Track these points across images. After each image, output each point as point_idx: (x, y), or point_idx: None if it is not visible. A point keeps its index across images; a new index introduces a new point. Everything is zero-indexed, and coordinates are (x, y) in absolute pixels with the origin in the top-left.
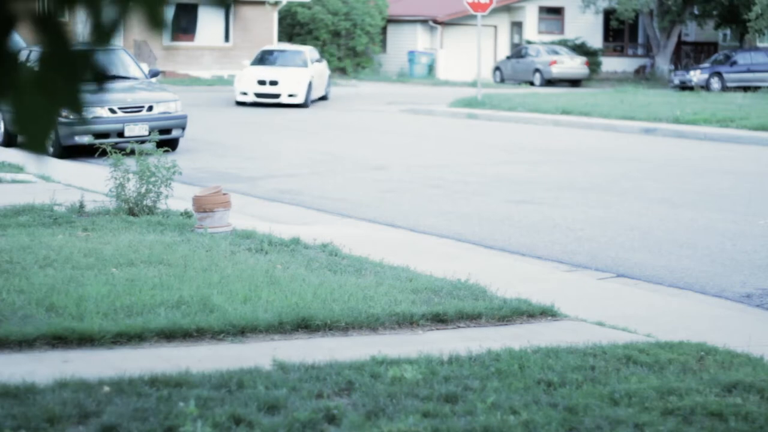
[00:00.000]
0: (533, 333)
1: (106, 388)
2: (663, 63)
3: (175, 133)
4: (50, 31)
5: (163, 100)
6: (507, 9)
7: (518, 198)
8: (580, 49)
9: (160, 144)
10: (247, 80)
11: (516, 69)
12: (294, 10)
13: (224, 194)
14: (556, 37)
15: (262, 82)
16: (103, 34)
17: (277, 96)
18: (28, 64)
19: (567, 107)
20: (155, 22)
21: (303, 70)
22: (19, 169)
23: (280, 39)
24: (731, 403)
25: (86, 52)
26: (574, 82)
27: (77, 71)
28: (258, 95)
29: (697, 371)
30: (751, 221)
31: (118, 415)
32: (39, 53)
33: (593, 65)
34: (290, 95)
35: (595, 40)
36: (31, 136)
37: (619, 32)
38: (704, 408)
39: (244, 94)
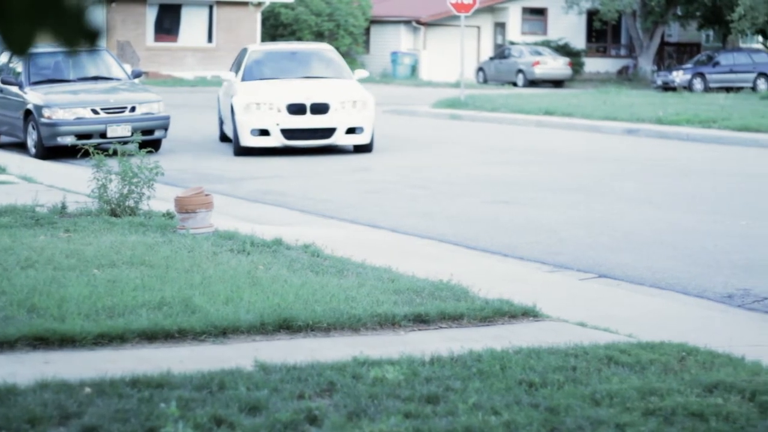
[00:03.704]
0: (515, 334)
1: (88, 389)
2: (646, 64)
3: (157, 134)
4: None
5: (146, 100)
6: (490, 10)
7: (501, 199)
8: (563, 49)
9: (142, 145)
10: (263, 107)
11: (499, 70)
12: (277, 10)
13: (206, 195)
14: (539, 38)
15: (297, 110)
16: None
17: (329, 133)
18: None
19: (550, 108)
20: None
21: (354, 85)
22: (1, 170)
23: (263, 39)
24: (712, 404)
25: None
26: (557, 83)
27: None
28: (290, 134)
29: (679, 372)
30: (732, 222)
31: (99, 416)
32: None
33: (576, 66)
34: (350, 131)
35: (578, 41)
36: (17, 46)
37: (602, 33)
38: (685, 408)
39: (263, 133)
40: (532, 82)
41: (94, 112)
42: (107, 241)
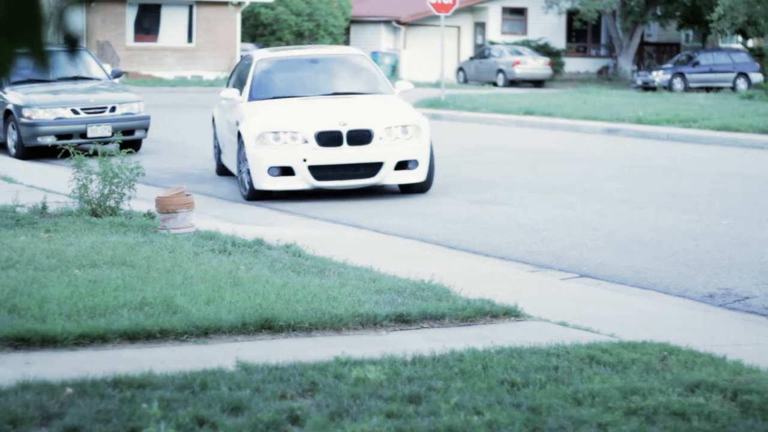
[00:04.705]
0: (497, 333)
1: (69, 390)
2: (626, 63)
3: (138, 134)
4: None
5: (126, 100)
6: (470, 10)
7: (482, 198)
8: (543, 49)
9: (123, 145)
10: (284, 137)
11: (479, 69)
12: (257, 10)
13: (187, 195)
14: (519, 38)
15: (330, 140)
16: None
17: (373, 170)
18: None
19: (530, 108)
20: None
21: (400, 103)
22: None
23: (243, 40)
24: (694, 403)
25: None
26: (537, 83)
27: (38, 20)
28: (321, 172)
29: (660, 371)
30: (713, 221)
31: (80, 416)
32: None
33: (556, 66)
34: (401, 165)
35: (558, 41)
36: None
37: (582, 33)
38: (667, 408)
39: (285, 172)
40: (513, 82)
41: (74, 112)
42: (88, 242)
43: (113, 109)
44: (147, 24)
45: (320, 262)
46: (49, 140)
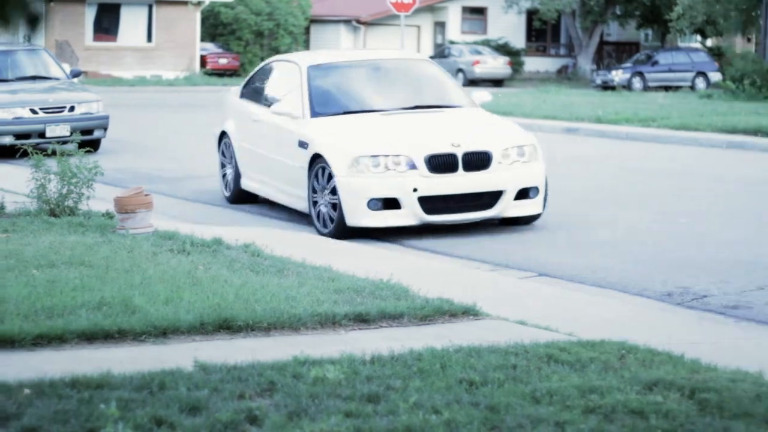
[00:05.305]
0: (455, 332)
1: (27, 391)
2: (585, 63)
3: (97, 134)
4: None
5: (85, 100)
6: (430, 9)
7: None
8: (503, 49)
9: (81, 144)
10: (385, 162)
11: None
12: (217, 10)
13: (146, 195)
14: (479, 37)
15: (443, 164)
16: None
17: (491, 200)
18: None
19: (489, 107)
20: None
21: (499, 120)
22: None
23: (203, 39)
24: (652, 401)
25: None
26: (497, 82)
27: None
28: (432, 204)
29: (618, 369)
30: (671, 220)
31: (38, 417)
32: None
33: (516, 65)
34: (522, 194)
35: (518, 40)
36: None
37: (541, 32)
38: (625, 406)
39: (389, 204)
40: (472, 82)
41: (33, 111)
42: (46, 242)
43: (72, 108)
44: (106, 23)
45: (279, 261)
46: (8, 140)
